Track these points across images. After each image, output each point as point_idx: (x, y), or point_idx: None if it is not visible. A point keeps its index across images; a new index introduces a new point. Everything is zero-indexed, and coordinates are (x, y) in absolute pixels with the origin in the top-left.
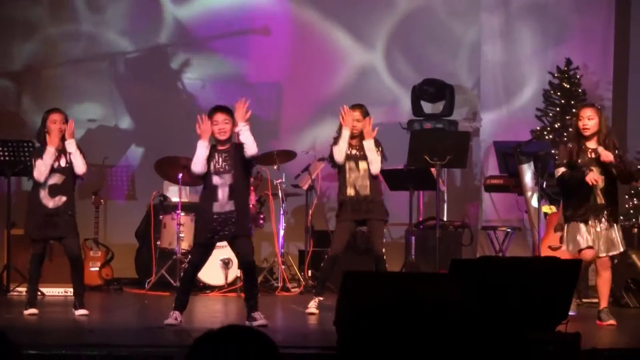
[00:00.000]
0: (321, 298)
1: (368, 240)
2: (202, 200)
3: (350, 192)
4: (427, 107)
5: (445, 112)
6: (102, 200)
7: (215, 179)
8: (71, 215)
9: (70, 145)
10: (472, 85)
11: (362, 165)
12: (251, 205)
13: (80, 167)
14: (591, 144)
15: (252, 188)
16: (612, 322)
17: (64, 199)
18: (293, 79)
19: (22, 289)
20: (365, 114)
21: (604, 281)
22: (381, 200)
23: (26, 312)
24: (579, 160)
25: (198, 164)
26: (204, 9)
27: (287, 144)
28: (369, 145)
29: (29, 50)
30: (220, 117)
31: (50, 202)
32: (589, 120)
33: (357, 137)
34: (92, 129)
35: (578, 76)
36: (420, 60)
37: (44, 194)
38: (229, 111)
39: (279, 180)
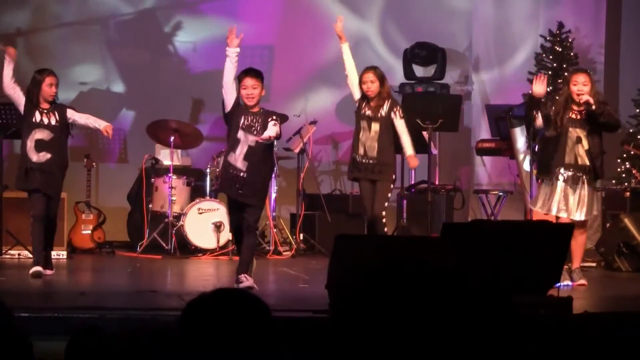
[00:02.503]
0: None
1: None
2: (225, 152)
3: (360, 150)
4: (419, 70)
5: (437, 75)
6: (94, 163)
7: (240, 134)
8: (51, 173)
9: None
10: (464, 48)
11: (374, 127)
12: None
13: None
14: (579, 107)
15: None
16: (583, 282)
17: (48, 156)
18: (285, 43)
19: (15, 252)
20: (381, 76)
21: (578, 244)
22: (391, 163)
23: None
24: (562, 123)
25: (225, 75)
26: None
27: (278, 107)
28: (400, 127)
29: (19, 14)
30: (249, 81)
31: (35, 156)
32: (584, 86)
33: (375, 98)
34: (84, 92)
35: (570, 39)
36: (412, 23)
37: (29, 147)
38: (259, 75)
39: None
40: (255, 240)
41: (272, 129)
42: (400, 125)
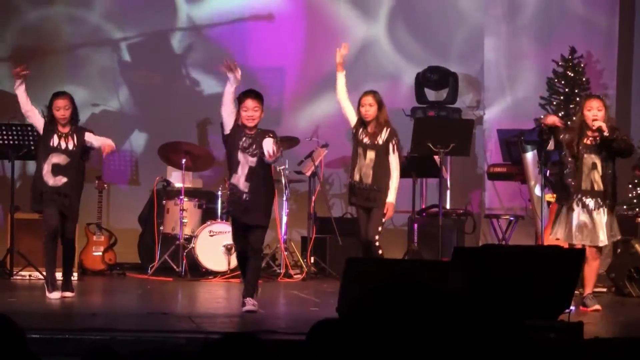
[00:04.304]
0: None
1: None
2: (228, 175)
3: (356, 177)
4: (431, 94)
5: (449, 99)
6: (105, 185)
7: (240, 155)
8: (67, 197)
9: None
10: (476, 72)
11: (370, 154)
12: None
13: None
14: (592, 132)
15: None
16: (597, 307)
17: (64, 180)
18: (296, 66)
19: (26, 273)
20: (379, 101)
21: (591, 270)
22: (385, 189)
23: (51, 295)
24: (578, 149)
25: (223, 103)
26: None
27: (290, 131)
28: (393, 163)
29: (32, 33)
30: (250, 103)
31: (51, 180)
32: (598, 111)
33: (372, 123)
34: (96, 114)
35: (582, 65)
36: (424, 45)
37: (46, 171)
38: (259, 97)
39: (282, 167)
40: (260, 263)
41: (268, 142)
42: (394, 160)
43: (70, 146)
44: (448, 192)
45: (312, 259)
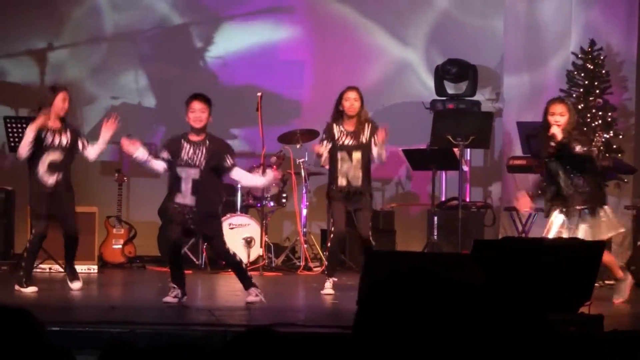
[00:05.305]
0: (335, 279)
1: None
2: (168, 189)
3: (342, 182)
4: (450, 87)
5: (468, 92)
6: (125, 178)
7: (179, 170)
8: (61, 194)
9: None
10: (495, 65)
11: (356, 155)
12: (274, 184)
13: (94, 155)
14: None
15: (274, 167)
16: (622, 299)
17: (61, 175)
18: (317, 59)
19: (46, 266)
20: (362, 97)
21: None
22: (370, 190)
23: (27, 289)
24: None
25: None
26: None
27: (310, 123)
28: (379, 149)
29: (52, 28)
30: (197, 105)
31: (50, 179)
32: (561, 116)
33: (353, 119)
34: (115, 106)
35: (602, 57)
36: (444, 40)
37: (42, 171)
38: (207, 101)
39: (302, 159)
40: (236, 260)
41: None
42: (375, 149)
43: (64, 142)
44: (467, 185)
45: None
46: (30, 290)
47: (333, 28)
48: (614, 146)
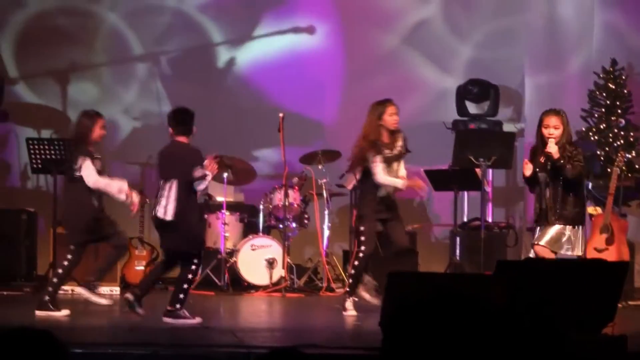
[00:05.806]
0: (356, 299)
1: (391, 236)
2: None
3: (382, 192)
4: (472, 107)
5: (490, 112)
6: (147, 199)
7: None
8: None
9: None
10: (517, 85)
11: (394, 165)
12: (296, 205)
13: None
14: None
15: (296, 187)
16: None
17: (102, 198)
18: (340, 80)
19: (68, 288)
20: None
21: None
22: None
23: (61, 313)
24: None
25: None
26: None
27: (332, 144)
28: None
29: (74, 49)
30: None
31: (96, 202)
32: (555, 129)
33: (395, 133)
34: (137, 127)
35: (623, 77)
36: (466, 59)
37: (94, 197)
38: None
39: (324, 180)
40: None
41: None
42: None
43: (98, 166)
44: (490, 205)
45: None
46: (65, 314)
47: (355, 48)
48: (636, 166)
